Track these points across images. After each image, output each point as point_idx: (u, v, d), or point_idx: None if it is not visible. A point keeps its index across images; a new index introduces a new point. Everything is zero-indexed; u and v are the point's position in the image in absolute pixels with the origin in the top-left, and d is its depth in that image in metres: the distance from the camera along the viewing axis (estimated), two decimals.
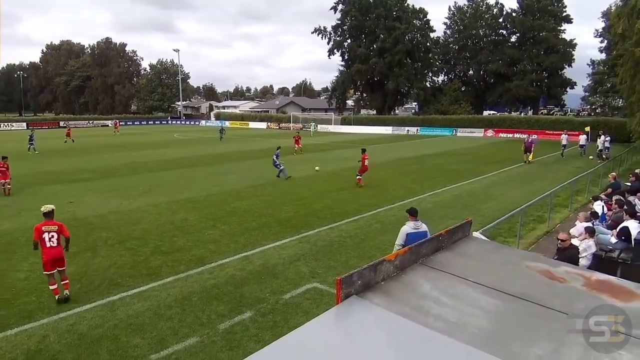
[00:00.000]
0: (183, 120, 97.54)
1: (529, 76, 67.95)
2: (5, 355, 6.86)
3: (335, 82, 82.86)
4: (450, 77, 79.19)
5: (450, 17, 77.86)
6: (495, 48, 72.17)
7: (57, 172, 25.44)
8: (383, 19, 71.82)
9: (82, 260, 10.97)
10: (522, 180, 22.87)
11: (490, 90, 74.08)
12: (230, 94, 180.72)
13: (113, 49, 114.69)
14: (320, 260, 10.90)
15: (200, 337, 7.35)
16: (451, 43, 77.96)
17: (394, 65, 71.95)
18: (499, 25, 74.06)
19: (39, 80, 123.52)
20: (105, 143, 45.88)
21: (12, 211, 16.05)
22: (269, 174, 24.50)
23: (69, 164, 28.63)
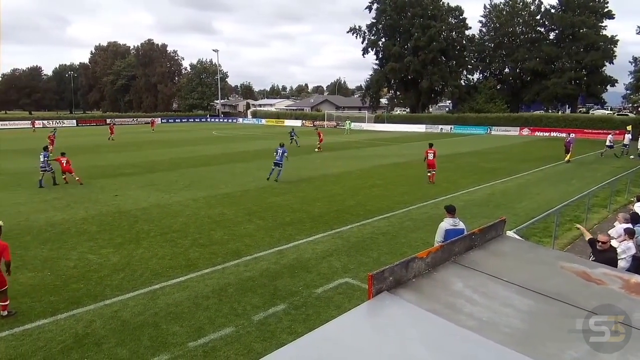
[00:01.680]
0: (221, 118, 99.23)
1: (568, 74, 65.43)
2: (56, 338, 7.19)
3: (369, 81, 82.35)
4: (485, 75, 77.29)
5: (485, 15, 75.94)
6: (533, 45, 69.89)
7: (103, 166, 26.39)
8: (418, 17, 70.81)
9: (125, 251, 11.34)
10: (559, 180, 22.11)
11: (526, 89, 71.86)
12: (266, 93, 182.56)
13: (156, 49, 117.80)
14: (352, 256, 10.89)
15: (236, 327, 7.48)
16: (487, 41, 76.03)
17: (428, 63, 70.85)
18: (537, 23, 71.65)
19: (87, 79, 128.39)
20: (148, 139, 47.20)
21: (62, 203, 16.76)
22: (303, 170, 24.65)
23: (115, 159, 29.63)
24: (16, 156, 32.12)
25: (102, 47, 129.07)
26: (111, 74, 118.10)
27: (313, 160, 29.16)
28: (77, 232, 13.02)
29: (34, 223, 13.97)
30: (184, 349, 6.85)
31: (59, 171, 20.87)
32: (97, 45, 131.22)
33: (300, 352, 2.35)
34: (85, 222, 14.04)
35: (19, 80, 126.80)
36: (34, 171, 24.39)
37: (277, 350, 2.34)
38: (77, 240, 12.30)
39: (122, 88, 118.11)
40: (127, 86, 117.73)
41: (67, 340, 7.11)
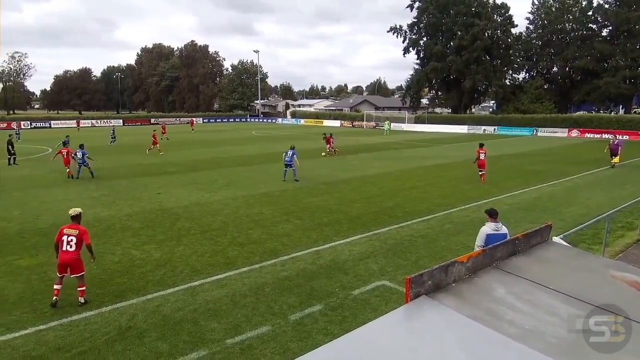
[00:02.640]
0: (261, 118, 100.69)
1: (622, 72, 62.27)
2: (100, 329, 7.50)
3: (410, 81, 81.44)
4: (531, 75, 74.79)
5: (533, 12, 73.48)
6: (584, 43, 67.08)
7: (148, 165, 27.32)
8: (461, 15, 69.41)
9: (167, 247, 11.69)
10: (610, 184, 21.10)
11: (576, 88, 69.03)
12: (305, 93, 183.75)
13: (198, 50, 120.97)
14: (390, 259, 10.78)
15: (272, 326, 7.56)
16: (534, 39, 73.55)
17: (472, 62, 69.31)
18: (589, 19, 68.61)
19: (133, 80, 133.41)
20: (190, 139, 48.48)
21: (109, 200, 17.46)
22: (341, 171, 24.64)
23: (158, 158, 30.60)
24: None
25: (147, 49, 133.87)
26: (156, 75, 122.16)
27: (350, 162, 29.10)
28: (121, 228, 13.53)
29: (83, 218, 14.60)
30: (221, 345, 6.98)
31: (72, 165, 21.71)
32: (142, 47, 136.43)
33: (336, 353, 2.35)
34: (129, 219, 14.57)
35: (70, 82, 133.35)
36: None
37: (313, 351, 2.35)
38: (121, 235, 12.78)
39: (166, 89, 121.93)
40: (171, 87, 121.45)
41: (111, 332, 7.40)
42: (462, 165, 26.39)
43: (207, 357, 6.67)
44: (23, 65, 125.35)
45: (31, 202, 16.98)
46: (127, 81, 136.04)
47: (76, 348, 6.93)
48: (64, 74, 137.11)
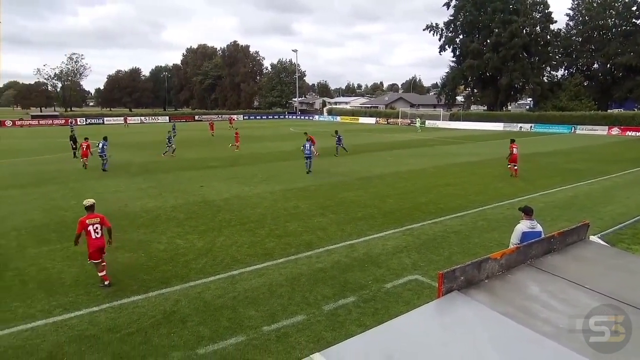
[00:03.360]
0: (298, 115, 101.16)
1: None
2: (147, 313, 7.76)
3: (445, 78, 79.82)
4: (570, 72, 71.77)
5: (574, 8, 70.38)
6: (627, 39, 63.71)
7: (192, 159, 28.00)
8: (499, 12, 67.31)
9: (209, 237, 11.96)
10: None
11: (617, 85, 65.73)
12: (342, 91, 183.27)
13: (240, 50, 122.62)
14: (422, 254, 10.64)
15: (307, 316, 7.61)
16: (574, 35, 70.51)
17: (509, 59, 67.19)
18: (632, 14, 65.06)
19: (179, 79, 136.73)
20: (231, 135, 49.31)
21: (155, 192, 18.02)
22: (375, 167, 24.47)
23: (201, 153, 31.32)
24: (115, 149, 34.97)
25: (192, 49, 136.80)
26: (200, 74, 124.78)
27: (385, 158, 28.84)
28: (167, 219, 13.94)
29: (131, 209, 15.16)
30: (258, 332, 7.09)
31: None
32: (188, 48, 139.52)
33: (369, 344, 2.35)
34: (174, 210, 14.99)
35: (121, 81, 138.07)
36: (130, 162, 26.49)
37: (346, 340, 2.35)
38: (167, 225, 13.17)
39: (209, 87, 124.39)
40: (214, 85, 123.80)
41: (157, 316, 7.65)
42: (497, 163, 25.67)
43: (245, 342, 6.79)
44: (80, 65, 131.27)
45: (86, 193, 17.73)
46: (173, 80, 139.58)
47: (125, 329, 7.20)
48: (115, 73, 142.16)
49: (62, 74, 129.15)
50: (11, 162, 27.46)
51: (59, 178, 21.36)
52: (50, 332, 7.14)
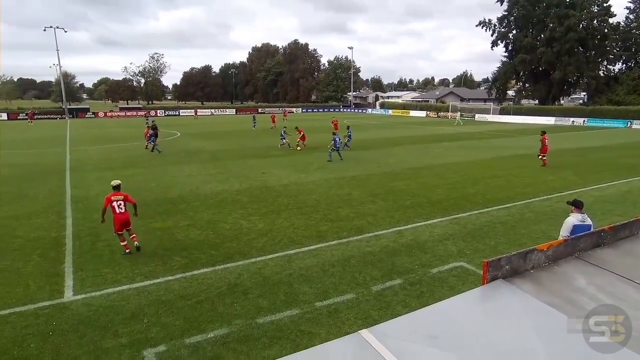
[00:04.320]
0: (352, 108, 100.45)
1: None
2: (214, 284, 8.12)
3: (497, 73, 75.93)
4: (629, 65, 65.74)
5: (634, 1, 64.16)
6: None
7: (255, 148, 28.69)
8: (554, 7, 62.80)
9: (268, 219, 12.26)
10: None
11: None
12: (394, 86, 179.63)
13: (300, 48, 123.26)
14: (468, 242, 10.31)
15: (356, 295, 7.64)
16: (634, 28, 64.35)
17: (563, 54, 62.66)
18: None
19: (245, 75, 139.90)
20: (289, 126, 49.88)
21: (223, 177, 18.68)
22: (425, 158, 23.89)
23: (263, 142, 31.99)
24: (188, 138, 36.54)
25: (256, 48, 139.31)
26: (263, 71, 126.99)
27: (434, 150, 28.05)
28: (232, 201, 14.43)
29: (202, 191, 15.83)
30: (311, 307, 7.22)
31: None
32: (253, 47, 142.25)
33: (414, 324, 2.32)
34: (239, 194, 15.48)
35: (194, 77, 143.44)
36: (200, 150, 27.56)
37: (392, 319, 2.35)
38: (232, 207, 13.64)
39: (271, 82, 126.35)
40: (275, 81, 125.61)
41: (222, 287, 7.99)
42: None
43: (299, 315, 6.94)
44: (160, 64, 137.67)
45: (164, 177, 18.73)
46: (240, 76, 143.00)
47: (195, 297, 7.59)
48: (190, 70, 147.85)
49: (145, 71, 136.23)
50: (105, 147, 29.48)
51: (142, 163, 22.68)
52: (133, 296, 7.66)
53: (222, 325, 6.67)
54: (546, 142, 20.92)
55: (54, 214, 12.91)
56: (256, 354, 5.90)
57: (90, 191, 15.97)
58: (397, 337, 2.15)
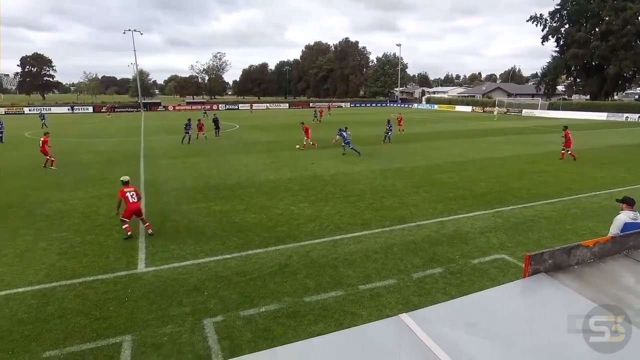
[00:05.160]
0: (399, 103, 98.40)
1: None
2: (266, 264, 8.35)
3: (546, 68, 71.10)
4: None
5: None
6: None
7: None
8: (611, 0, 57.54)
9: (317, 206, 12.36)
10: None
11: None
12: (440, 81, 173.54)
13: (350, 46, 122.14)
14: (510, 235, 9.84)
15: (397, 280, 7.56)
16: None
17: (619, 48, 57.47)
18: None
19: (298, 72, 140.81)
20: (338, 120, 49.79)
21: (276, 166, 19.04)
22: (470, 152, 23.00)
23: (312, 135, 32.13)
24: (245, 130, 37.41)
25: (309, 46, 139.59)
26: (315, 68, 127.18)
27: (479, 144, 26.90)
28: (284, 189, 14.69)
29: (257, 179, 16.24)
30: (355, 289, 7.24)
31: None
32: (306, 45, 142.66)
33: (453, 311, 2.26)
34: (290, 182, 15.72)
35: (252, 74, 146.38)
36: (256, 141, 28.18)
37: (432, 306, 2.30)
38: (284, 194, 13.89)
39: (322, 78, 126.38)
40: (326, 77, 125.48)
41: (274, 267, 8.19)
42: (596, 152, 22.53)
43: (343, 296, 6.98)
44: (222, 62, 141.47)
45: (224, 165, 19.40)
46: (293, 73, 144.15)
47: (249, 275, 7.85)
48: (248, 68, 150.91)
49: (208, 69, 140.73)
50: (172, 137, 30.97)
51: (204, 152, 23.60)
52: (195, 270, 8.05)
53: (273, 301, 6.86)
54: (569, 137, 20.33)
55: None
56: (303, 329, 6.03)
57: (160, 176, 16.87)
58: (436, 322, 2.10)
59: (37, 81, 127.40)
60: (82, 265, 8.27)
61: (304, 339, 2.12)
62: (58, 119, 54.41)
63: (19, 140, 30.80)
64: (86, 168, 18.84)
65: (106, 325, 6.20)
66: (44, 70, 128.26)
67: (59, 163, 19.36)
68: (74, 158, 21.72)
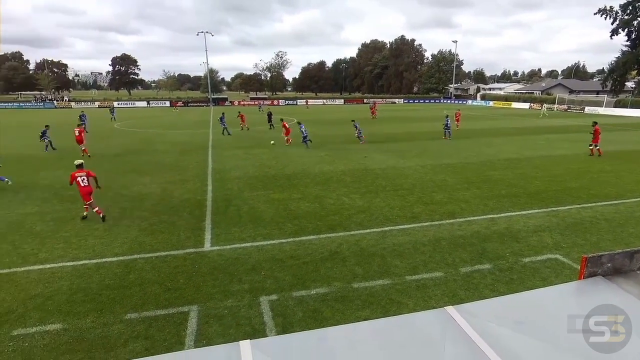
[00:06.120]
0: (452, 100, 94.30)
1: None
2: (318, 250, 8.46)
3: (615, 64, 64.22)
4: None
5: None
6: None
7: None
8: None
9: (367, 198, 12.27)
10: None
11: None
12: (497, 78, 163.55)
13: (406, 43, 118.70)
14: (566, 236, 9.13)
15: (444, 274, 7.33)
16: None
17: None
18: None
19: (354, 69, 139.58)
20: (392, 116, 48.81)
21: (330, 159, 19.12)
22: (525, 149, 21.56)
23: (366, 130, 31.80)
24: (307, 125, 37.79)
25: (365, 44, 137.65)
26: (370, 65, 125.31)
27: (536, 141, 25.07)
28: (337, 180, 14.73)
29: (312, 170, 16.43)
30: (401, 279, 7.13)
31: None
32: (362, 43, 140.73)
33: (502, 307, 2.16)
34: (343, 174, 15.73)
35: (311, 72, 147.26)
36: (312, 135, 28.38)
37: (480, 301, 2.21)
38: (336, 186, 13.94)
39: (377, 75, 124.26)
40: (381, 74, 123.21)
41: (324, 253, 8.29)
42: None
43: (390, 285, 6.91)
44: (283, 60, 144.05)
45: (282, 157, 19.84)
46: (349, 70, 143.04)
47: (302, 259, 8.01)
48: (307, 65, 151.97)
49: (271, 67, 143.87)
50: (236, 130, 32.05)
51: (265, 144, 24.26)
52: (254, 252, 8.37)
53: (323, 285, 6.95)
54: (599, 133, 19.73)
55: (199, 182, 14.58)
56: (350, 313, 6.06)
57: (225, 165, 17.64)
58: (483, 317, 2.02)
59: (124, 79, 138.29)
60: (157, 241, 8.91)
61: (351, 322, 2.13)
62: (137, 112, 58.68)
63: (109, 130, 33.67)
64: (163, 156, 20.17)
65: (177, 295, 6.65)
66: (130, 69, 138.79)
67: (142, 150, 20.89)
68: (153, 147, 23.33)
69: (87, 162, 18.04)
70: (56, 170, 16.66)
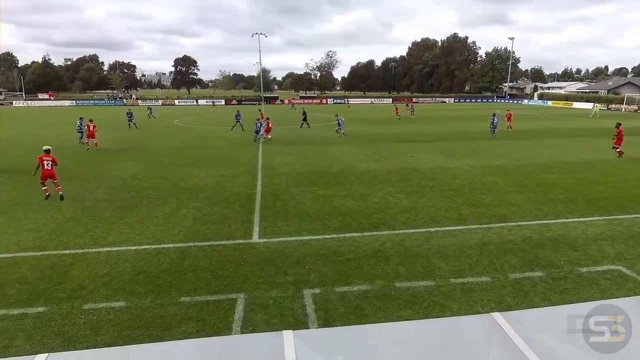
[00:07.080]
0: (507, 99, 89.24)
1: None
2: (361, 247, 8.40)
3: None
4: None
5: None
6: None
7: (406, 134, 28.13)
8: None
9: (413, 198, 11.98)
10: None
11: None
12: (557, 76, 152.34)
13: (458, 41, 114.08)
14: (631, 246, 8.32)
15: (492, 279, 6.99)
16: None
17: None
18: None
19: (403, 68, 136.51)
20: (442, 115, 47.22)
21: (376, 157, 18.91)
22: (585, 152, 19.95)
23: (411, 129, 31.09)
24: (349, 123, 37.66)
25: (415, 43, 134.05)
26: (420, 63, 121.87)
27: (598, 144, 23.06)
28: (382, 179, 14.54)
29: (357, 168, 16.34)
30: (446, 281, 6.90)
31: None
32: (412, 42, 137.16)
33: (554, 317, 2.02)
34: (389, 173, 15.49)
35: (359, 70, 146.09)
36: (359, 133, 28.25)
37: (530, 309, 2.10)
38: (382, 184, 13.76)
39: (427, 74, 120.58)
40: (431, 72, 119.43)
41: (368, 251, 8.22)
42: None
43: (434, 287, 6.71)
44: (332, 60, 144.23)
45: (328, 154, 19.93)
46: (398, 69, 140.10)
47: (345, 255, 8.01)
48: (356, 64, 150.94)
49: (320, 66, 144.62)
50: (285, 128, 32.66)
51: (312, 141, 24.50)
52: (299, 246, 8.50)
53: (365, 282, 6.91)
54: (622, 134, 18.92)
55: (249, 176, 15.06)
56: (392, 312, 5.97)
57: (274, 161, 18.06)
58: (532, 326, 1.90)
59: (185, 78, 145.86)
60: (210, 231, 9.33)
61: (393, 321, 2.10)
62: (192, 110, 61.61)
63: (170, 126, 35.74)
64: (217, 151, 21.05)
65: (226, 282, 6.93)
66: (190, 69, 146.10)
67: (199, 145, 21.96)
68: (208, 143, 24.42)
69: (99, 156, 19.42)
70: (125, 162, 18.02)
